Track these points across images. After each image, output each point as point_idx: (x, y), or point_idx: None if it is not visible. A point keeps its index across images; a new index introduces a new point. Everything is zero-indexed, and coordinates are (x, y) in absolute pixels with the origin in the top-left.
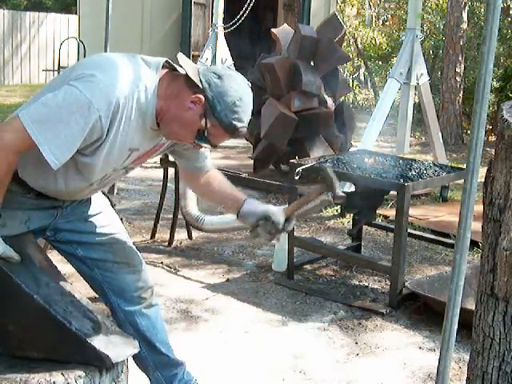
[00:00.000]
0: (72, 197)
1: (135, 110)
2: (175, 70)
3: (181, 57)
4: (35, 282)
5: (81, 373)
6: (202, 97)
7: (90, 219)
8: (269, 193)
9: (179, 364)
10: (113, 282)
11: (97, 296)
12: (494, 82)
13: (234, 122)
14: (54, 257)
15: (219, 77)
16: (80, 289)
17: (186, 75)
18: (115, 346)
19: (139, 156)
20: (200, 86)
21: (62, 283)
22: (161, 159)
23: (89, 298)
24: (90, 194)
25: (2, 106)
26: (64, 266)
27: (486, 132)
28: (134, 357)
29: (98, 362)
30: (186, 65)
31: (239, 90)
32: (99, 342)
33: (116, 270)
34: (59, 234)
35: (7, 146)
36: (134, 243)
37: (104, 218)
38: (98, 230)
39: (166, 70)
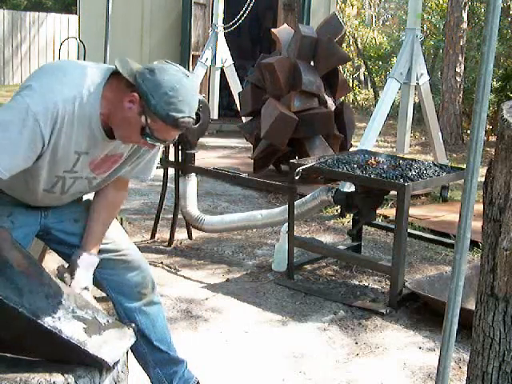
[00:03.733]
0: (36, 202)
1: (77, 114)
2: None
3: (118, 61)
4: (17, 292)
5: (81, 373)
6: (136, 94)
7: (81, 220)
8: (269, 193)
9: (179, 362)
10: (111, 277)
11: (96, 296)
12: (494, 82)
13: (171, 113)
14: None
15: (151, 71)
16: None
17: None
18: (110, 344)
19: (94, 162)
20: (134, 83)
21: (45, 282)
22: (160, 159)
23: None
24: (57, 202)
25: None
26: None
27: (486, 132)
28: (134, 353)
29: (96, 365)
30: (122, 66)
31: (172, 80)
32: (93, 346)
33: (113, 267)
34: (51, 234)
35: None
36: (134, 243)
37: None
38: None
39: (114, 76)
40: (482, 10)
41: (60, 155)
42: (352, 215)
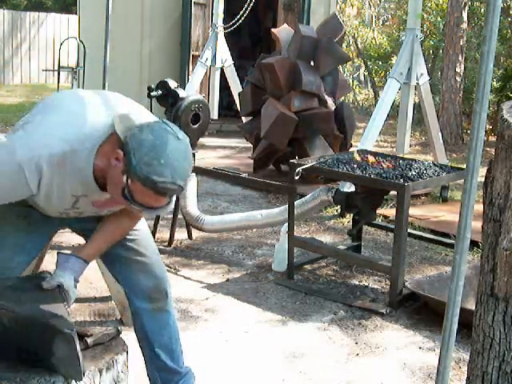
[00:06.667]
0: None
1: (68, 167)
2: None
3: (118, 116)
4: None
5: None
6: (121, 152)
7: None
8: (269, 193)
9: (177, 373)
10: (125, 275)
11: (96, 296)
12: (494, 82)
13: (150, 176)
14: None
15: (140, 129)
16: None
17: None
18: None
19: (96, 203)
20: (123, 141)
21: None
22: None
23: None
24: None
25: (2, 106)
26: None
27: (486, 132)
28: (141, 346)
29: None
30: (119, 121)
31: (156, 140)
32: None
33: (130, 266)
34: (70, 227)
35: None
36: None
37: None
38: None
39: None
40: (482, 10)
41: (55, 199)
42: (352, 215)
